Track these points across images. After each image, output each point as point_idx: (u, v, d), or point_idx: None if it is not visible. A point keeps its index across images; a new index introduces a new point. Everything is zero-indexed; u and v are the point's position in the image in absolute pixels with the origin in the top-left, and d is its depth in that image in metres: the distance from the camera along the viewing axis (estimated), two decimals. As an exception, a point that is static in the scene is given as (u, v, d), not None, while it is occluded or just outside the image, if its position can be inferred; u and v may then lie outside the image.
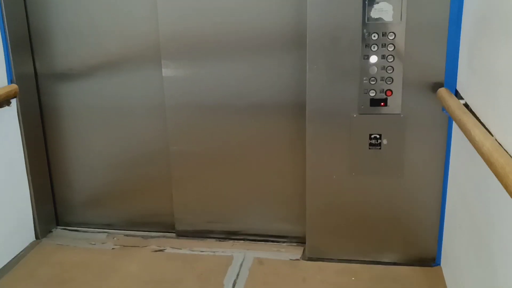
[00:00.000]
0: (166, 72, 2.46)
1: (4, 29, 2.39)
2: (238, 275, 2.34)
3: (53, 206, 2.85)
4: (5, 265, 2.46)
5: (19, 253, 2.57)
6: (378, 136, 2.23)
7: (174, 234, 2.73)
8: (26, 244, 2.65)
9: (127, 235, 2.75)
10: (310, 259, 2.45)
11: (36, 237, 2.72)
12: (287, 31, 2.34)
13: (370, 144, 2.24)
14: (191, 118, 2.53)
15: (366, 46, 2.13)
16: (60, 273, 2.41)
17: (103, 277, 2.36)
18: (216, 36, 2.39)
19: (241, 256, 2.51)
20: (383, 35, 2.11)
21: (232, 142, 2.54)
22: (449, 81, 2.10)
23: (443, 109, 2.09)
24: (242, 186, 2.60)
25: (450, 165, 2.20)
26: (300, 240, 2.59)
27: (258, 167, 2.56)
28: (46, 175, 2.78)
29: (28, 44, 2.57)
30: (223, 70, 2.43)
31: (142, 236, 2.73)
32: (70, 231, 2.83)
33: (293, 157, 2.50)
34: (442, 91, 2.06)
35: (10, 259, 2.51)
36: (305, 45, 2.19)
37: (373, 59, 2.14)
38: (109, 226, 2.83)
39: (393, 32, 2.09)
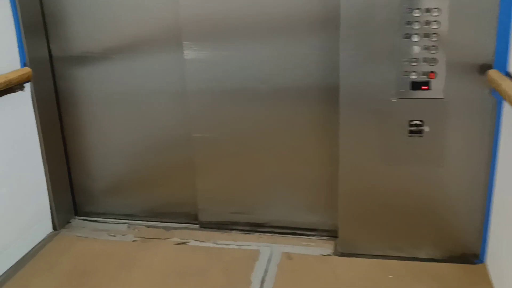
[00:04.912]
0: (188, 54, 2.32)
1: (17, 9, 2.28)
2: (266, 271, 2.21)
3: (71, 195, 2.76)
4: (22, 257, 2.38)
5: (36, 245, 2.49)
6: (419, 123, 2.05)
7: (198, 225, 2.61)
8: (43, 235, 2.57)
9: (148, 226, 2.65)
10: (343, 254, 2.31)
11: (54, 228, 2.63)
12: (315, 11, 2.18)
13: (410, 131, 2.07)
14: (213, 103, 2.40)
15: (407, 24, 1.94)
16: (80, 265, 2.32)
17: (124, 269, 2.27)
18: (240, 16, 2.25)
19: (268, 250, 2.37)
20: (426, 11, 1.92)
21: (257, 128, 2.41)
22: (499, 62, 1.91)
23: (493, 91, 1.91)
24: (268, 174, 2.47)
25: (499, 154, 2.02)
26: (331, 234, 2.44)
27: (285, 154, 2.43)
28: (64, 163, 2.69)
29: (42, 26, 2.46)
30: (247, 52, 2.30)
31: (164, 228, 2.62)
32: (89, 222, 2.74)
33: (321, 143, 2.36)
34: (493, 73, 1.88)
35: (28, 251, 2.43)
36: (334, 25, 2.03)
37: (415, 38, 1.95)
38: (129, 216, 2.73)
39: (437, 8, 1.90)
